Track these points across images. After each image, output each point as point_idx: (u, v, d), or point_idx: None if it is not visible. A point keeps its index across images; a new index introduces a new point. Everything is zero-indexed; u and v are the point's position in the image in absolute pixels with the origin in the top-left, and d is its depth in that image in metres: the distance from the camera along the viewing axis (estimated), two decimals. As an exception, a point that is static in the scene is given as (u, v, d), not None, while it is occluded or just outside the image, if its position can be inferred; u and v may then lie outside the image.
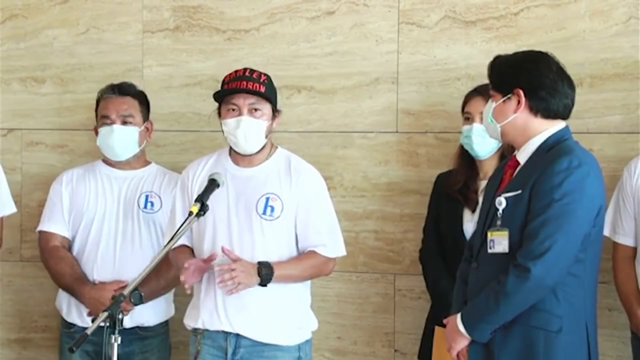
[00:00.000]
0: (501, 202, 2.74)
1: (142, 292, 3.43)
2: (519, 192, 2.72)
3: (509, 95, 2.78)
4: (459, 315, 2.77)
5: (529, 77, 2.77)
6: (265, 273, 3.07)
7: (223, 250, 3.09)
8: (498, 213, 2.74)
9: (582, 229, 2.70)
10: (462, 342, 2.78)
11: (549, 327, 2.68)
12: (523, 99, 2.77)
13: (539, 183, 2.68)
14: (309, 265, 3.18)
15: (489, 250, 2.75)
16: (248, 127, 3.16)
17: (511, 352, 2.71)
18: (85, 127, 3.92)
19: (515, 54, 2.89)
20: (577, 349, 2.74)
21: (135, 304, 3.41)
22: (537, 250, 2.62)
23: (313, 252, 3.18)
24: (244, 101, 3.17)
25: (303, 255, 3.19)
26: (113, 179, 3.64)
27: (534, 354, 2.68)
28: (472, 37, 3.70)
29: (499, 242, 2.73)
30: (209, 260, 3.10)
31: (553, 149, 2.75)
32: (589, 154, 2.81)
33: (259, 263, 3.09)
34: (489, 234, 2.76)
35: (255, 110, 3.18)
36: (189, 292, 3.16)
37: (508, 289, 2.64)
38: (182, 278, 3.07)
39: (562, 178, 2.65)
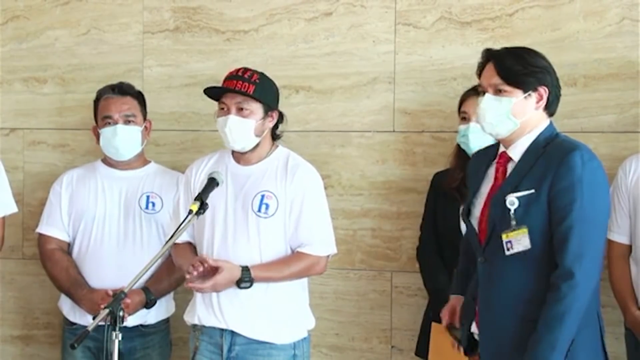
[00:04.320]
0: (513, 202, 2.71)
1: (155, 297, 3.50)
2: (532, 191, 2.70)
3: (529, 93, 2.77)
4: None
5: (551, 77, 2.81)
6: (243, 287, 3.12)
7: (209, 262, 3.11)
8: (510, 213, 2.71)
9: (606, 219, 2.76)
10: None
11: None
12: (545, 98, 2.79)
13: (556, 181, 2.67)
14: (294, 269, 3.18)
15: (507, 252, 2.71)
16: (234, 126, 3.20)
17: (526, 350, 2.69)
18: (86, 126, 3.94)
19: (520, 50, 2.89)
20: (593, 340, 2.76)
21: (149, 308, 3.49)
22: (577, 252, 2.62)
23: (301, 254, 3.20)
24: (232, 100, 3.22)
25: (290, 257, 3.20)
26: (113, 180, 3.66)
27: None
28: (468, 37, 3.73)
29: (518, 240, 2.70)
30: (215, 270, 3.11)
31: (550, 144, 2.77)
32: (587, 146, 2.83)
33: (241, 274, 3.11)
34: (503, 235, 2.71)
35: (243, 109, 3.21)
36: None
37: (567, 302, 2.60)
38: (189, 284, 3.12)
39: (580, 173, 2.65)
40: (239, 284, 3.12)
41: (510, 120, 2.78)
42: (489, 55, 2.87)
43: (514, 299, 2.72)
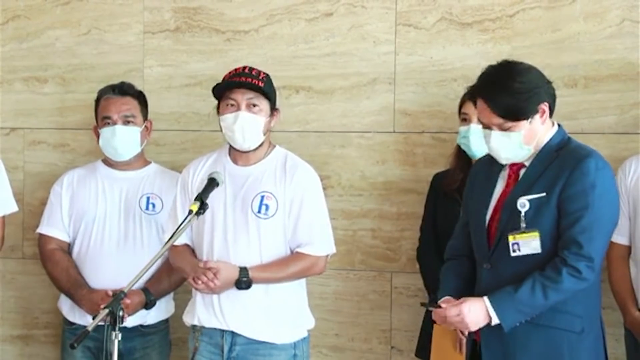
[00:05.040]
0: (524, 205, 2.72)
1: (154, 297, 3.50)
2: (543, 194, 2.71)
3: (532, 116, 2.75)
4: (485, 299, 2.70)
5: (545, 87, 2.79)
6: (241, 287, 3.12)
7: (205, 264, 3.14)
8: (521, 215, 2.72)
9: (613, 227, 2.78)
10: (482, 324, 2.72)
11: (572, 328, 2.70)
12: (547, 110, 2.78)
13: (569, 185, 2.68)
14: (292, 270, 3.18)
15: (513, 254, 2.72)
16: (245, 122, 3.19)
17: (534, 354, 2.71)
18: (86, 126, 3.95)
19: (506, 78, 2.76)
20: (596, 346, 2.77)
21: (148, 308, 3.49)
22: (586, 253, 2.64)
23: (300, 254, 3.20)
24: (242, 96, 3.20)
25: (289, 257, 3.21)
26: (113, 181, 3.66)
27: (558, 357, 2.69)
28: (468, 38, 3.73)
29: (526, 243, 2.71)
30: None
31: (563, 149, 2.77)
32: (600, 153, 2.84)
33: (239, 274, 3.12)
34: (510, 237, 2.73)
35: (253, 105, 3.20)
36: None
37: (564, 287, 2.64)
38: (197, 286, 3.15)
39: (593, 179, 2.67)
40: (237, 284, 3.12)
41: (524, 148, 2.78)
42: (476, 94, 2.84)
43: None
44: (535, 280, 2.66)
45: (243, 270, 3.12)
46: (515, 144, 2.77)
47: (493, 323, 2.70)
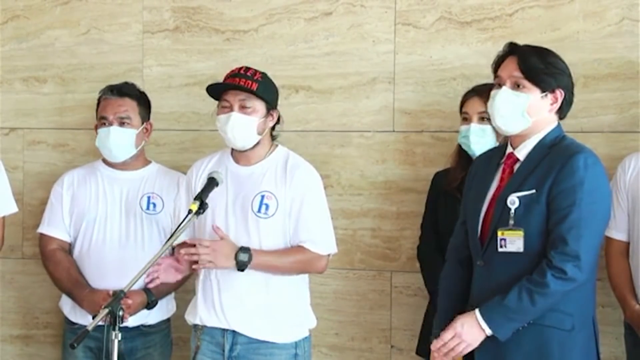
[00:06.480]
0: (514, 202, 2.72)
1: (156, 298, 3.50)
2: (533, 191, 2.71)
3: (546, 93, 2.77)
4: (477, 312, 2.70)
5: (569, 81, 2.81)
6: (241, 259, 3.10)
7: (213, 227, 3.14)
8: (510, 212, 2.72)
9: (604, 225, 2.77)
10: (480, 339, 2.71)
11: (562, 326, 2.69)
12: (560, 101, 2.79)
13: (558, 182, 2.68)
14: (294, 258, 3.19)
15: (499, 249, 2.73)
16: (237, 123, 3.20)
17: (524, 352, 2.71)
18: (86, 126, 3.96)
19: (543, 49, 2.87)
20: (587, 345, 2.76)
21: (150, 309, 3.49)
22: (572, 252, 2.62)
23: (301, 247, 3.20)
24: (235, 97, 3.22)
25: (291, 248, 3.21)
26: (114, 181, 3.67)
27: (548, 354, 2.69)
28: (468, 37, 3.73)
29: (512, 241, 2.71)
30: (186, 254, 3.12)
31: (556, 145, 2.77)
32: (592, 150, 2.83)
33: (240, 248, 3.12)
34: (499, 232, 2.73)
35: (245, 107, 3.22)
36: (151, 286, 3.25)
37: (550, 290, 2.62)
38: (146, 279, 3.15)
39: (582, 176, 2.66)
40: (237, 257, 3.10)
41: (524, 117, 2.78)
42: (513, 49, 2.87)
43: None
44: (522, 286, 2.66)
45: (244, 247, 3.12)
46: (519, 107, 2.77)
47: (488, 334, 2.70)
